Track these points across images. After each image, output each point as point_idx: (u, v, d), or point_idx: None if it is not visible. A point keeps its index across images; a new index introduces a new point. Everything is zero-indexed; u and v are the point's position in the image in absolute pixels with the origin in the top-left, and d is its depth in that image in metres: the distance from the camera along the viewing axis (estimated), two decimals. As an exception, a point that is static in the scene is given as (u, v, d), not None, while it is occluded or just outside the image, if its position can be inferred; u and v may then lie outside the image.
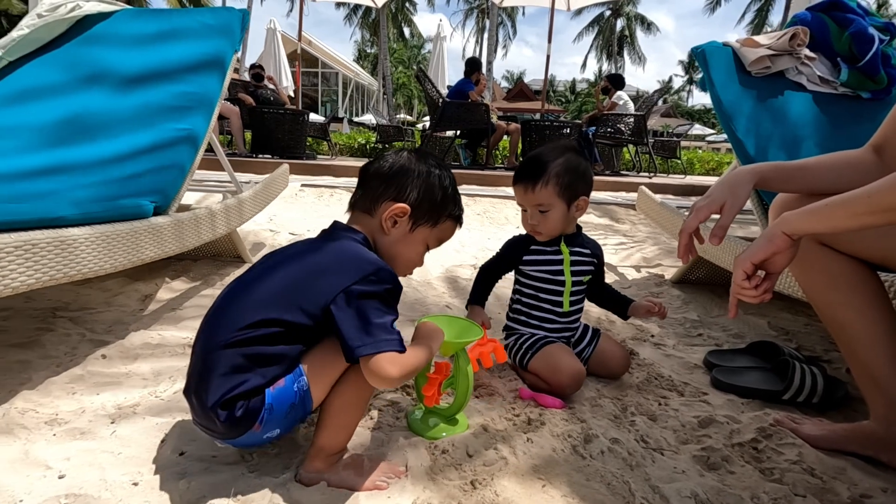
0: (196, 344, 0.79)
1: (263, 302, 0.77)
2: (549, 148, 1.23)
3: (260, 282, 0.81)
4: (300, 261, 0.83)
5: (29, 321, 1.42)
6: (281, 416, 0.77)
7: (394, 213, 0.89)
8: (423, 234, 0.93)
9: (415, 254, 0.95)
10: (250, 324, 0.75)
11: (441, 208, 0.94)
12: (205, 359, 0.75)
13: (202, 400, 0.73)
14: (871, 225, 0.73)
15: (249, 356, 0.74)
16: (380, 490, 0.81)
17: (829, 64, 1.78)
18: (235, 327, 0.75)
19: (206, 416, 0.74)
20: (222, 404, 0.72)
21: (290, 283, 0.79)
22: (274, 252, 0.89)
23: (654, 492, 0.86)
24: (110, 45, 1.71)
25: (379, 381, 0.75)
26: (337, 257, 0.83)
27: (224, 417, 0.73)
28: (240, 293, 0.81)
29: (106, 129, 1.52)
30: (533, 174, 1.20)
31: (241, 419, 0.74)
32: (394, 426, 1.01)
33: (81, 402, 1.03)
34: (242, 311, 0.77)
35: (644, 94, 7.83)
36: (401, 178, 0.91)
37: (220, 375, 0.73)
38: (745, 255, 0.86)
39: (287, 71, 10.11)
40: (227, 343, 0.74)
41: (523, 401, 1.15)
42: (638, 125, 5.78)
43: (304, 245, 0.88)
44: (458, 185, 1.01)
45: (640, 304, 1.28)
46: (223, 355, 0.74)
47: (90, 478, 0.80)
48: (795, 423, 1.07)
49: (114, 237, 1.15)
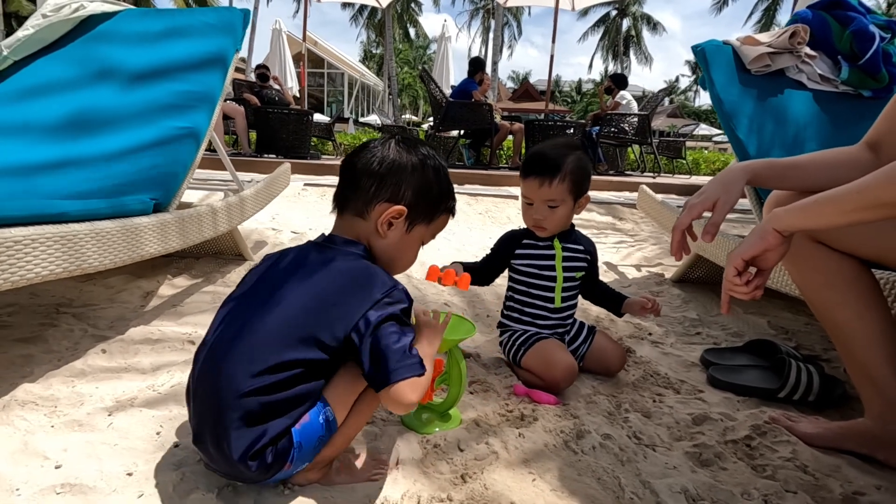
0: (201, 386, 0.73)
1: (278, 340, 0.71)
2: (560, 144, 1.23)
3: (268, 312, 0.74)
4: (308, 286, 0.77)
5: (33, 317, 1.45)
6: (310, 451, 0.75)
7: (390, 216, 0.83)
8: (419, 232, 0.89)
9: (413, 253, 0.91)
10: (268, 368, 0.69)
11: (437, 204, 0.90)
12: (220, 409, 0.69)
13: (225, 454, 0.69)
14: (861, 221, 0.73)
15: (271, 403, 0.70)
16: (372, 483, 0.82)
17: (829, 62, 1.78)
18: (250, 373, 0.69)
19: (232, 467, 0.71)
20: (251, 456, 0.69)
21: (303, 314, 0.73)
22: (272, 266, 0.83)
23: (644, 486, 0.86)
24: (114, 44, 1.73)
25: (398, 407, 0.71)
26: (348, 281, 0.77)
27: (255, 468, 0.70)
28: (246, 327, 0.73)
29: (109, 127, 1.54)
30: (550, 169, 1.18)
31: (272, 464, 0.71)
32: (387, 420, 1.02)
33: (81, 394, 1.05)
34: (256, 352, 0.71)
35: (650, 94, 7.80)
36: (395, 176, 0.84)
37: (242, 427, 0.68)
38: (736, 252, 0.86)
39: (292, 71, 10.16)
40: (245, 393, 0.68)
41: (518, 397, 1.15)
42: (642, 125, 5.76)
43: (306, 263, 0.81)
44: (461, 184, 0.99)
45: (634, 300, 1.28)
46: (241, 404, 0.68)
47: (86, 468, 0.81)
48: (791, 421, 1.07)
49: (115, 233, 1.17)
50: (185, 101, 1.61)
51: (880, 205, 0.67)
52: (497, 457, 0.91)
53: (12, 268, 0.92)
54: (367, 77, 28.10)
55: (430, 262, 2.30)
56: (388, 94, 24.40)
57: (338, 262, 0.80)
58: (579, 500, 0.82)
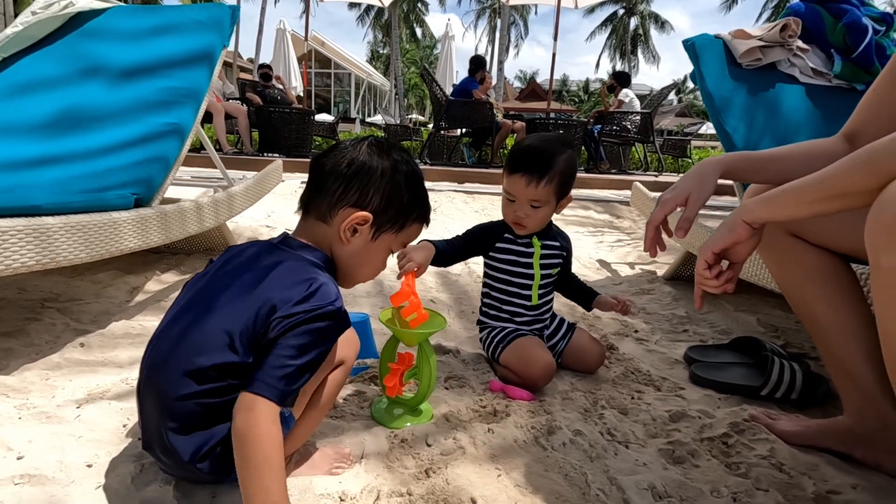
0: (145, 391, 0.72)
1: (213, 344, 0.68)
2: (551, 139, 1.18)
3: (206, 316, 0.71)
4: (247, 289, 0.72)
5: (19, 311, 1.46)
6: None
7: (353, 222, 0.78)
8: (386, 241, 0.84)
9: (378, 261, 0.86)
10: (203, 373, 0.67)
11: (408, 212, 0.84)
12: (162, 415, 0.68)
13: (175, 458, 0.68)
14: (826, 212, 0.71)
15: (214, 406, 0.68)
16: (332, 476, 0.81)
17: (823, 56, 1.74)
18: (187, 377, 0.67)
19: (185, 470, 0.70)
20: (200, 458, 0.68)
21: (236, 318, 0.69)
22: (224, 264, 0.79)
23: (611, 483, 0.85)
24: (102, 41, 1.74)
25: (241, 420, 0.63)
26: (284, 286, 0.71)
27: (208, 469, 0.69)
28: (186, 330, 0.71)
29: (94, 124, 1.55)
30: (540, 168, 1.13)
31: (225, 464, 0.68)
32: (357, 415, 1.01)
33: (54, 387, 1.05)
34: (192, 355, 0.68)
35: (657, 93, 7.72)
36: (362, 180, 0.79)
37: (187, 431, 0.68)
38: (706, 245, 0.84)
39: (296, 71, 10.20)
40: (182, 396, 0.67)
41: (493, 393, 1.14)
42: (644, 123, 5.72)
43: (253, 266, 0.76)
44: (461, 182, 0.95)
45: (604, 299, 1.27)
46: (182, 407, 0.67)
47: (48, 459, 0.81)
48: (771, 419, 1.05)
49: (91, 227, 1.17)
50: (171, 97, 1.62)
51: (841, 195, 0.66)
52: (464, 452, 0.90)
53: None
54: (373, 77, 28.17)
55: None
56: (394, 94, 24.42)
57: (283, 266, 0.75)
58: (543, 495, 0.81)
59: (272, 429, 0.64)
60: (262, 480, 0.62)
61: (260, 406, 0.64)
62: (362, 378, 1.16)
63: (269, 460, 0.62)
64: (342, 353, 0.81)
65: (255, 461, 0.62)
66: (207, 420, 0.69)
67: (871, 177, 0.62)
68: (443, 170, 5.21)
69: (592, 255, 2.68)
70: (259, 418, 0.63)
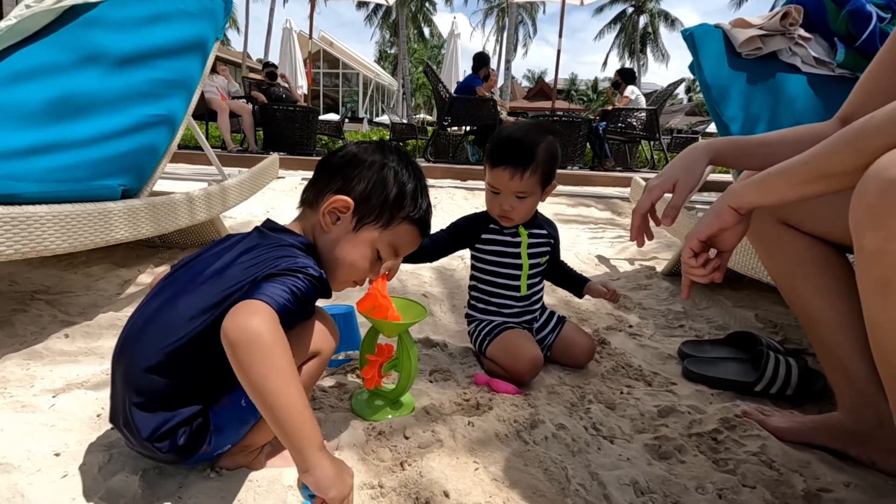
0: (115, 364, 0.71)
1: (187, 320, 0.67)
2: (530, 127, 1.15)
3: (185, 293, 0.71)
4: (225, 269, 0.72)
5: (7, 303, 1.46)
6: (232, 433, 0.72)
7: (333, 205, 0.77)
8: (369, 235, 0.81)
9: (359, 257, 0.81)
10: (174, 345, 0.67)
11: (395, 207, 0.81)
12: (127, 387, 0.68)
13: (134, 433, 0.67)
14: (813, 194, 0.67)
15: (176, 387, 0.67)
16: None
17: (825, 45, 1.70)
18: (158, 349, 0.66)
19: (143, 448, 0.69)
20: (158, 437, 0.66)
21: (212, 297, 0.69)
22: (212, 247, 0.80)
23: (592, 478, 0.82)
24: (94, 30, 1.74)
25: (234, 330, 0.58)
26: (259, 261, 0.72)
27: (166, 448, 0.67)
28: (164, 306, 0.71)
29: (84, 113, 1.54)
30: (523, 160, 1.10)
31: (186, 445, 0.68)
32: (336, 407, 0.99)
33: (33, 377, 1.04)
34: (167, 329, 0.68)
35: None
36: (349, 169, 0.80)
37: (150, 407, 0.66)
38: (692, 232, 0.81)
39: (302, 70, 10.23)
40: (151, 367, 0.66)
41: (477, 386, 1.12)
42: (650, 120, 5.65)
43: (235, 247, 0.76)
44: (464, 180, 0.93)
45: (594, 286, 1.25)
46: (148, 381, 0.66)
47: (16, 448, 0.80)
48: (764, 415, 1.01)
49: (75, 216, 1.16)
50: (161, 88, 1.61)
51: (827, 175, 0.62)
52: (441, 445, 0.87)
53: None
54: (381, 77, 28.21)
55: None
56: (402, 93, 24.44)
57: (262, 247, 0.75)
58: (520, 490, 0.78)
59: (277, 329, 0.60)
60: (275, 383, 0.57)
61: (259, 307, 0.60)
62: (343, 370, 1.14)
63: (276, 355, 0.58)
64: (317, 345, 0.79)
65: (263, 355, 0.57)
66: (171, 400, 0.68)
67: (857, 155, 0.59)
68: (446, 167, 5.19)
69: (591, 251, 2.64)
70: (262, 313, 0.59)
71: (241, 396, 0.72)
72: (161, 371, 0.67)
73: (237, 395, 0.72)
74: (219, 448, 0.73)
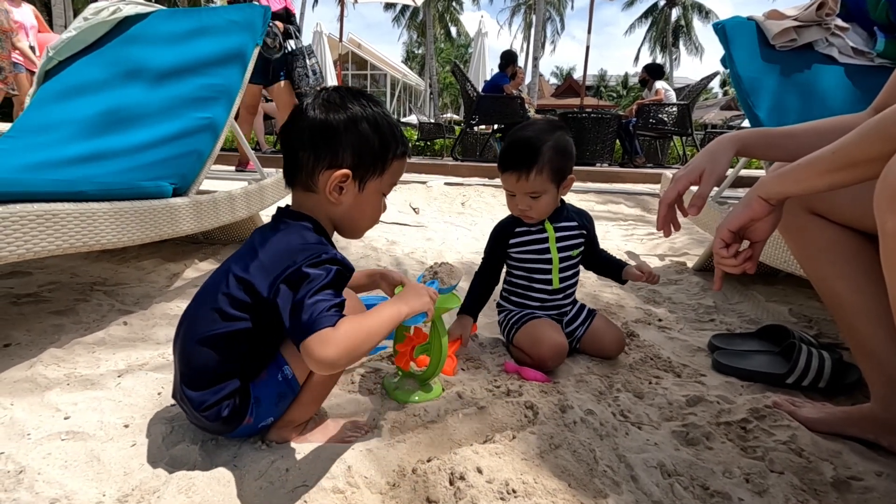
0: (176, 343, 0.82)
1: (233, 287, 0.76)
2: (537, 128, 1.18)
3: (223, 279, 0.79)
4: (249, 257, 0.79)
5: (70, 293, 1.58)
6: (271, 406, 0.80)
7: (335, 182, 0.80)
8: (374, 186, 0.85)
9: (374, 207, 0.88)
10: (217, 313, 0.76)
11: (383, 155, 0.84)
12: (182, 360, 0.79)
13: (187, 405, 0.78)
14: (841, 183, 0.69)
15: (224, 362, 0.77)
16: (345, 444, 0.85)
17: (864, 34, 1.66)
18: (210, 308, 0.77)
19: (195, 418, 0.80)
20: (205, 408, 0.76)
21: (238, 281, 0.77)
22: (250, 238, 0.86)
23: (619, 460, 0.85)
24: (145, 43, 1.86)
25: (317, 366, 0.66)
26: (279, 249, 0.77)
27: (212, 417, 0.77)
28: (206, 291, 0.82)
29: (137, 121, 1.66)
30: (525, 161, 1.14)
31: (230, 417, 0.77)
32: (372, 391, 1.05)
33: (98, 359, 1.14)
34: (216, 293, 0.78)
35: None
36: (329, 142, 0.80)
37: (196, 385, 0.77)
38: (722, 223, 0.83)
39: (332, 72, 10.44)
40: (201, 339, 0.76)
41: (507, 374, 1.16)
42: (682, 115, 5.54)
43: (256, 236, 0.84)
44: (492, 178, 0.96)
45: (630, 269, 1.29)
46: (199, 354, 0.76)
47: (90, 419, 0.89)
48: (794, 406, 1.02)
49: (131, 213, 1.26)
50: (206, 94, 1.71)
51: (853, 164, 0.64)
52: (473, 426, 0.92)
53: (34, 239, 1.01)
54: (408, 77, 28.43)
55: (448, 253, 2.34)
56: (429, 93, 24.58)
57: (278, 234, 0.80)
58: (549, 469, 0.82)
59: (343, 339, 0.66)
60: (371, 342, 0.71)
61: (323, 337, 0.65)
62: (380, 357, 1.20)
63: (361, 334, 0.69)
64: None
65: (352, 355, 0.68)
66: (215, 376, 0.76)
67: (882, 143, 0.60)
68: (473, 165, 5.22)
69: (622, 246, 2.64)
70: (327, 342, 0.65)
71: (278, 371, 0.80)
72: (212, 339, 0.76)
73: (274, 369, 0.80)
74: (261, 420, 0.81)
